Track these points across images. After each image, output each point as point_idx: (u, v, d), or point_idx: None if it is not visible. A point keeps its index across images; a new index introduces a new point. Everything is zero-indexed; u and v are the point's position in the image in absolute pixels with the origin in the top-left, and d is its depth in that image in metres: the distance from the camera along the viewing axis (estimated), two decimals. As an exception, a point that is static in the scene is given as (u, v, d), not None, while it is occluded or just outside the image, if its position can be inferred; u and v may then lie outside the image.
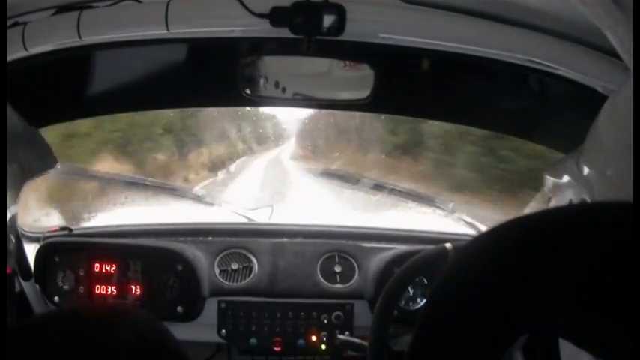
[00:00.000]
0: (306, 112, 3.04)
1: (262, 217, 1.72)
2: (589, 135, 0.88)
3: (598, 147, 0.86)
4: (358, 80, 1.10)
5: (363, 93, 1.11)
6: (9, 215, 1.17)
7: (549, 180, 1.09)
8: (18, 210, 1.25)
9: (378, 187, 1.79)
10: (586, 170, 0.88)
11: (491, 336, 0.38)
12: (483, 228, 1.69)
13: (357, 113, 2.52)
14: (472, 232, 1.69)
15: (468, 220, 1.75)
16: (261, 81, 1.10)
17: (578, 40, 0.98)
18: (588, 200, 0.87)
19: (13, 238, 1.28)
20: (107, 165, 2.75)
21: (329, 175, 1.84)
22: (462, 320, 0.39)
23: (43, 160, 1.26)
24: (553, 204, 1.08)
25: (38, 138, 1.24)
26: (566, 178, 0.99)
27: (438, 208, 1.77)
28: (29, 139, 1.20)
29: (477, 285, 0.38)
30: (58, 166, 1.32)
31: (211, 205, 1.69)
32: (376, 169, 3.26)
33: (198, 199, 1.71)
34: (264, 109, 2.83)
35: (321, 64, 1.10)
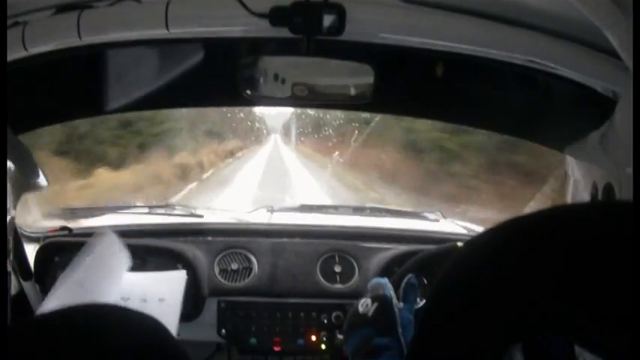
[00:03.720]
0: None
1: (262, 218, 1.73)
2: (611, 121, 0.88)
3: (619, 139, 0.85)
4: (358, 80, 1.10)
5: (363, 92, 1.11)
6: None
7: (571, 160, 1.08)
8: (15, 215, 1.27)
9: (358, 211, 1.85)
10: (611, 155, 0.88)
11: (491, 336, 0.38)
12: (478, 229, 1.70)
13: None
14: (474, 232, 1.69)
15: (461, 223, 1.76)
16: (264, 80, 1.10)
17: (578, 40, 0.97)
18: (614, 185, 0.86)
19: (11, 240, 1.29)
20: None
21: (308, 208, 1.86)
22: (461, 320, 0.39)
23: (33, 178, 1.27)
24: (575, 186, 1.08)
25: (28, 154, 1.25)
26: (589, 160, 0.98)
27: (425, 219, 1.79)
28: (20, 156, 1.21)
29: (477, 285, 0.38)
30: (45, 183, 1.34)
31: (201, 217, 1.70)
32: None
33: (187, 211, 1.72)
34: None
35: (321, 63, 1.10)
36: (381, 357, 0.72)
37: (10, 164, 1.12)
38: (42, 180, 1.30)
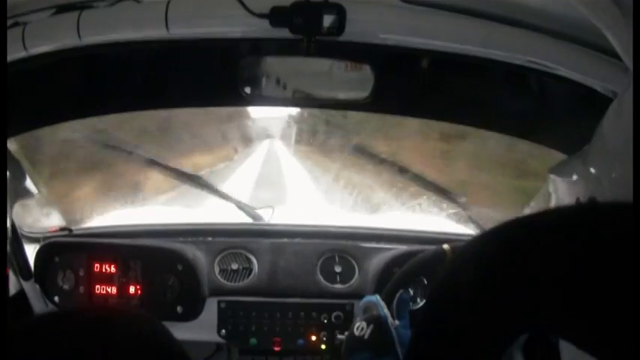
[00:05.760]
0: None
1: (263, 217, 1.72)
2: (595, 135, 0.88)
3: (605, 148, 0.86)
4: (358, 80, 1.11)
5: (363, 93, 1.12)
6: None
7: (554, 179, 1.08)
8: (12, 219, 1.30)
9: (403, 171, 1.78)
10: (593, 170, 0.88)
11: (490, 336, 0.38)
12: (477, 229, 1.68)
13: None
14: (471, 232, 1.69)
15: (475, 218, 1.73)
16: (264, 80, 1.10)
17: (578, 40, 0.97)
18: (597, 198, 0.86)
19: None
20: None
21: (360, 150, 1.84)
22: (460, 321, 0.39)
23: (22, 188, 1.30)
24: (557, 202, 1.08)
25: (16, 162, 1.28)
26: (573, 177, 0.99)
27: (452, 201, 1.74)
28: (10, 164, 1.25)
29: (475, 286, 0.38)
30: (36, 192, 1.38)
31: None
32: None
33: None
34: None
35: (322, 63, 1.10)
36: None
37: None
38: (31, 186, 1.32)
